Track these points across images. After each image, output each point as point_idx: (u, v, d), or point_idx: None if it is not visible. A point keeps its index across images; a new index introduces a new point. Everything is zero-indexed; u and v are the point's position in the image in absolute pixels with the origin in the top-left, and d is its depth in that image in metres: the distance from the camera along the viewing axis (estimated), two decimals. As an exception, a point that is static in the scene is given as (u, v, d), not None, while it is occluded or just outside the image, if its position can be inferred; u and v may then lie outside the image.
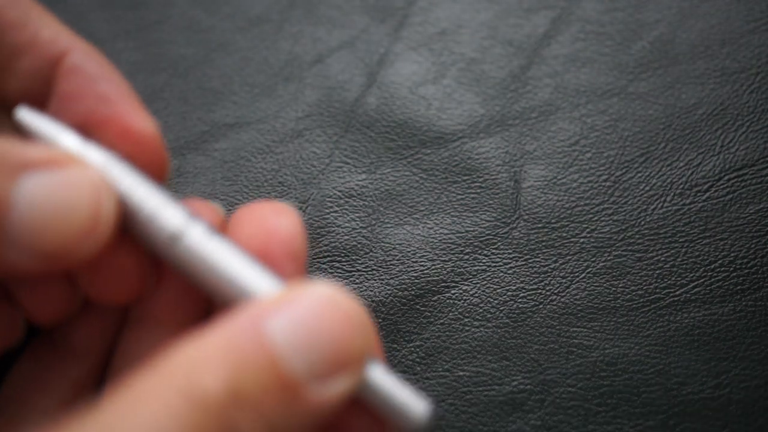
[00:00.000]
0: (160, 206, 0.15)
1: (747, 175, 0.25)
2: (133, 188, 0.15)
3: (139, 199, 0.15)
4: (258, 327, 0.13)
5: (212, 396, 0.12)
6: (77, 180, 0.14)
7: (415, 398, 0.15)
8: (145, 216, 0.15)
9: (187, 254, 0.15)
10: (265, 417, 0.12)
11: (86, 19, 0.29)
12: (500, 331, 0.23)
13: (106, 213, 0.14)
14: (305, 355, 0.13)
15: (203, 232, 0.15)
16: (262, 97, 0.27)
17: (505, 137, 0.26)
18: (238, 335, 0.13)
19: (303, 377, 0.13)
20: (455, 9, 0.29)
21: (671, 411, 0.22)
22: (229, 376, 0.12)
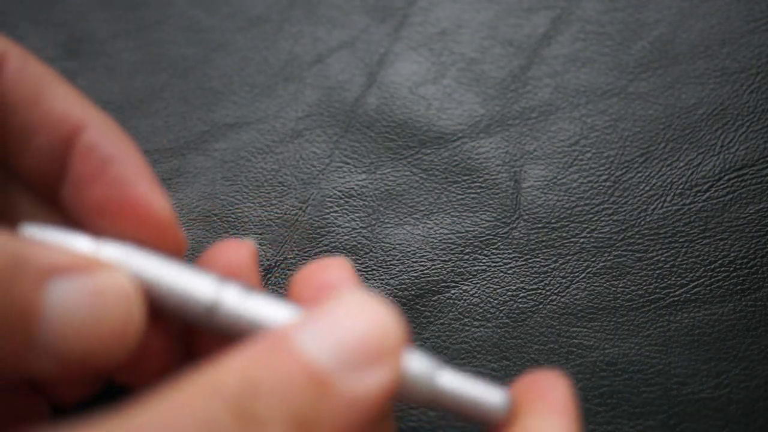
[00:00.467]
0: (189, 282, 0.15)
1: (747, 175, 0.25)
2: (157, 274, 0.15)
3: (168, 283, 0.15)
4: (283, 340, 0.13)
5: (225, 385, 0.12)
6: (107, 285, 0.14)
7: (491, 389, 0.16)
8: (177, 297, 0.15)
9: (227, 320, 0.15)
10: (290, 406, 0.12)
11: (86, 19, 0.29)
12: (500, 331, 0.23)
13: (137, 316, 0.14)
14: (335, 350, 0.13)
15: (237, 293, 0.16)
16: (262, 97, 0.27)
17: (505, 137, 0.26)
18: (260, 348, 0.13)
19: (333, 370, 0.13)
20: (455, 9, 0.29)
21: (671, 411, 0.22)
22: (244, 366, 0.12)
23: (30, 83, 0.16)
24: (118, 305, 0.14)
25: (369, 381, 0.13)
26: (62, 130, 0.16)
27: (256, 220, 0.25)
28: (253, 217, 0.25)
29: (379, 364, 0.13)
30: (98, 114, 0.17)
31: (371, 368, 0.13)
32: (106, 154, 0.16)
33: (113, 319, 0.14)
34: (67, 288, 0.13)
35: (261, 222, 0.25)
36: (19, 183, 0.18)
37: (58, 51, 0.28)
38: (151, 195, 0.16)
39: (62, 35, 0.29)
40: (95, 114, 0.17)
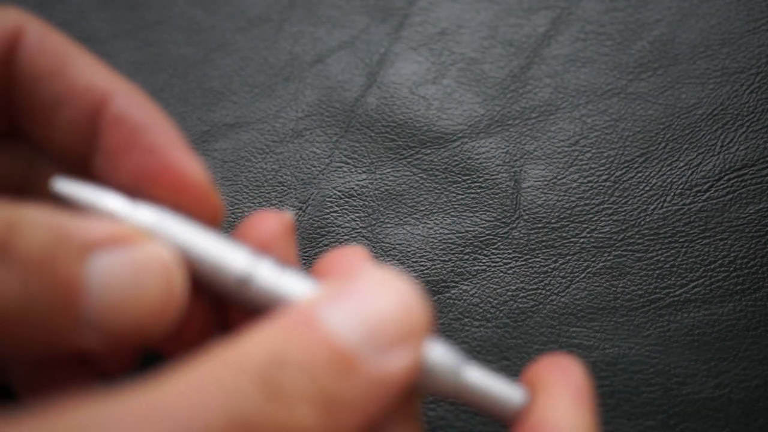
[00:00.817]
0: (223, 252, 0.15)
1: (747, 175, 0.25)
2: (192, 240, 0.15)
3: (201, 250, 0.15)
4: (310, 316, 0.13)
5: (251, 358, 0.12)
6: (148, 258, 0.14)
7: (511, 387, 0.16)
8: (209, 266, 0.15)
9: (259, 295, 0.15)
10: (315, 382, 0.12)
11: (86, 19, 0.29)
12: (500, 331, 0.23)
13: (179, 287, 0.14)
14: (361, 329, 0.13)
15: (271, 268, 0.15)
16: (262, 97, 0.27)
17: (505, 137, 0.26)
18: (287, 323, 0.13)
19: (359, 349, 0.13)
20: (455, 9, 0.29)
21: (671, 411, 0.22)
22: (270, 339, 0.12)
23: (51, 55, 0.16)
24: (159, 278, 0.14)
25: (394, 362, 0.13)
26: (88, 100, 0.16)
27: (256, 220, 0.25)
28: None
29: (404, 345, 0.13)
30: (124, 82, 0.16)
31: (396, 349, 0.13)
32: (137, 122, 0.16)
33: (155, 293, 0.13)
34: (109, 261, 0.13)
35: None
36: (46, 159, 0.17)
37: (58, 51, 0.28)
38: (187, 161, 0.16)
39: (62, 35, 0.29)
40: (121, 82, 0.16)
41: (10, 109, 0.16)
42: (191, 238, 0.15)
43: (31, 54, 0.16)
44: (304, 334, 0.13)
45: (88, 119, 0.16)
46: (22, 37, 0.16)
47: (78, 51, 0.16)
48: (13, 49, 0.15)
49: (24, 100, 0.16)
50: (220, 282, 0.15)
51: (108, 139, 0.16)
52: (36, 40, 0.16)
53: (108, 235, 0.13)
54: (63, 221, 0.13)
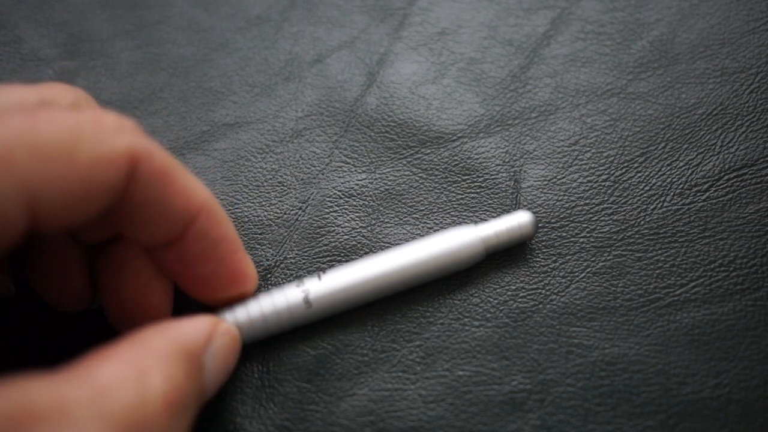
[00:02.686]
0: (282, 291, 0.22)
1: (747, 175, 0.25)
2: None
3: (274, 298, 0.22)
4: None
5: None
6: (230, 332, 0.20)
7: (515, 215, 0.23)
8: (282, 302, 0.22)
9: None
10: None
11: (86, 19, 0.29)
12: (500, 330, 0.23)
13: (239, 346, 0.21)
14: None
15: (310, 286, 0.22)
16: (262, 97, 0.27)
17: (505, 137, 0.26)
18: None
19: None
20: (455, 9, 0.29)
21: (671, 411, 0.22)
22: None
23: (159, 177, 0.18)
24: (237, 344, 0.21)
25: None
26: (183, 217, 0.19)
27: (256, 220, 0.25)
28: (253, 217, 0.25)
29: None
30: (210, 197, 0.19)
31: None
32: (215, 237, 0.19)
33: (235, 355, 0.20)
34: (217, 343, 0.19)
35: (261, 222, 0.25)
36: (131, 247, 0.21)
37: (58, 51, 0.28)
38: (245, 265, 0.21)
39: (62, 35, 0.29)
40: (208, 198, 0.19)
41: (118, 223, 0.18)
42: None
43: (144, 177, 0.17)
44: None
45: (179, 231, 0.19)
46: (140, 161, 0.17)
47: (178, 168, 0.18)
48: (133, 172, 0.17)
49: (130, 216, 0.18)
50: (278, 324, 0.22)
51: (190, 247, 0.19)
52: (150, 165, 0.17)
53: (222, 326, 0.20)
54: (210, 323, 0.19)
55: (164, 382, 0.16)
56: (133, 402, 0.15)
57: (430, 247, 0.23)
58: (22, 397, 0.14)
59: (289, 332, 0.22)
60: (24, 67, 0.28)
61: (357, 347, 0.23)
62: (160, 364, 0.16)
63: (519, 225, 0.23)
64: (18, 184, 0.15)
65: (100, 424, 0.14)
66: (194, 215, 0.19)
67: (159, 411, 0.16)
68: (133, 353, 0.16)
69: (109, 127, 0.17)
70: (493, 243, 0.23)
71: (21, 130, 0.15)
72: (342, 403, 0.22)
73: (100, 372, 0.15)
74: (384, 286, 0.22)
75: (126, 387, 0.15)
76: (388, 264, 0.22)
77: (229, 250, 0.20)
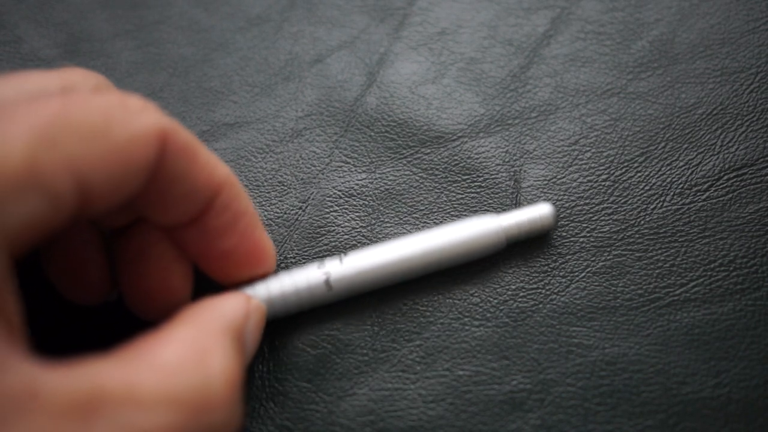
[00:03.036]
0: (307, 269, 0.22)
1: (747, 175, 0.25)
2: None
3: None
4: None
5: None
6: (263, 312, 0.21)
7: (537, 207, 0.24)
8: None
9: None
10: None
11: (86, 19, 0.29)
12: (500, 330, 0.23)
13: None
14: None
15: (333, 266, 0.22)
16: (262, 97, 0.27)
17: (505, 137, 0.26)
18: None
19: None
20: (455, 9, 0.29)
21: (671, 410, 0.22)
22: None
23: (185, 155, 0.18)
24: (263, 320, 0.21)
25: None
26: (206, 194, 0.19)
27: (256, 219, 0.25)
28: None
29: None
30: (230, 173, 0.19)
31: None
32: (237, 210, 0.20)
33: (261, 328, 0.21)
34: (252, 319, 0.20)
35: (261, 221, 0.25)
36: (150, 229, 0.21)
37: (58, 51, 0.28)
38: (265, 241, 0.21)
39: (62, 35, 0.29)
40: (228, 174, 0.19)
41: (143, 202, 0.18)
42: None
43: (172, 154, 0.17)
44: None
45: (203, 206, 0.19)
46: (167, 138, 0.17)
47: (200, 145, 0.18)
48: (162, 149, 0.17)
49: (157, 195, 0.18)
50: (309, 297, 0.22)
51: (213, 221, 0.19)
52: (176, 141, 0.17)
53: (254, 304, 0.20)
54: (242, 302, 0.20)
55: (223, 362, 0.16)
56: (198, 384, 0.16)
57: (452, 233, 0.23)
58: (93, 378, 0.14)
59: (308, 311, 0.23)
60: (24, 67, 0.28)
61: (357, 347, 0.23)
62: (218, 344, 0.17)
63: (540, 216, 0.23)
64: (67, 163, 0.15)
65: (167, 407, 0.15)
66: (217, 190, 0.19)
67: (221, 392, 0.16)
68: (191, 334, 0.17)
69: (136, 107, 0.17)
70: (514, 233, 0.23)
71: (59, 112, 0.15)
72: (342, 403, 0.22)
73: (164, 354, 0.16)
74: (405, 270, 0.23)
75: (189, 369, 0.16)
76: (410, 249, 0.23)
77: (249, 226, 0.20)
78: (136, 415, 0.14)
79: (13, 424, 0.13)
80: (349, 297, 0.23)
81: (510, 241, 0.24)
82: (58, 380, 0.14)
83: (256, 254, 0.21)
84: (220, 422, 0.16)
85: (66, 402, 0.14)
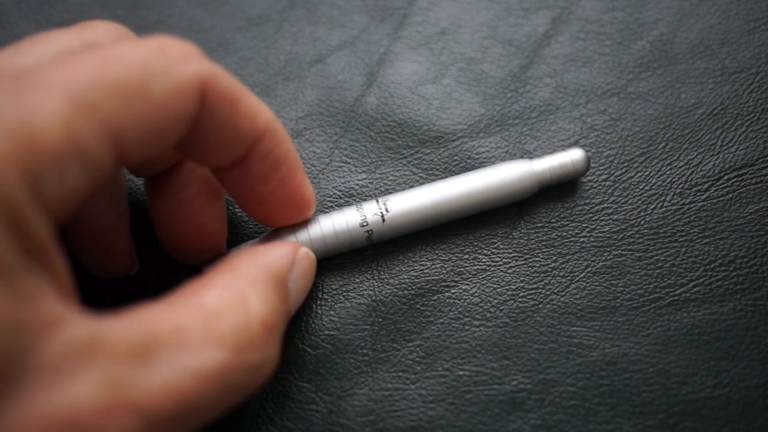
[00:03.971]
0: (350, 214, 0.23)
1: (747, 175, 0.25)
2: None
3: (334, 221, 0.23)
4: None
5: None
6: (312, 259, 0.21)
7: (569, 152, 0.24)
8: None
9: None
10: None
11: (86, 19, 0.29)
12: (500, 330, 0.23)
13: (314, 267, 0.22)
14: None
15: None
16: (262, 97, 0.27)
17: (504, 137, 0.26)
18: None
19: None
20: (455, 9, 0.29)
21: (671, 410, 0.22)
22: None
23: (227, 100, 0.18)
24: (313, 266, 0.21)
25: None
26: (249, 139, 0.19)
27: (256, 219, 0.25)
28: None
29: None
30: (273, 117, 0.19)
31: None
32: (278, 156, 0.19)
33: (312, 275, 0.21)
34: (299, 266, 0.20)
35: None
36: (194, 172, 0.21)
37: (58, 51, 0.28)
38: (305, 187, 0.21)
39: (62, 35, 0.29)
40: (271, 119, 0.19)
41: (187, 150, 0.18)
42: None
43: (214, 102, 0.17)
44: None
45: (245, 151, 0.19)
46: (209, 87, 0.17)
47: (243, 91, 0.18)
48: (203, 99, 0.17)
49: (200, 142, 0.18)
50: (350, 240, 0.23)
51: (254, 166, 0.19)
52: (218, 89, 0.17)
53: (301, 252, 0.21)
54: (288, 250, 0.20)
55: (262, 306, 0.17)
56: (239, 325, 0.16)
57: (486, 177, 0.24)
58: (146, 323, 0.15)
59: (347, 252, 0.24)
60: (24, 67, 0.28)
61: (357, 347, 0.23)
62: (257, 289, 0.17)
63: (572, 161, 0.24)
64: (104, 128, 0.15)
65: (212, 346, 0.16)
66: (260, 135, 0.19)
67: (259, 332, 0.17)
68: (232, 280, 0.17)
69: (176, 56, 0.17)
70: (546, 177, 0.24)
71: (95, 73, 0.15)
72: (342, 403, 0.22)
73: (207, 298, 0.16)
74: (441, 213, 0.23)
75: (231, 311, 0.16)
76: (447, 192, 0.23)
77: (291, 171, 0.20)
78: (188, 356, 0.15)
79: (82, 371, 0.14)
80: (388, 239, 0.24)
81: (542, 186, 0.24)
82: (116, 328, 0.15)
83: (296, 200, 0.21)
84: (258, 362, 0.17)
85: (126, 347, 0.14)
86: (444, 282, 0.24)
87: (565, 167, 0.24)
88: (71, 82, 0.15)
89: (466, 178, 0.24)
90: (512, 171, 0.24)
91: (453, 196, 0.23)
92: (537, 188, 0.24)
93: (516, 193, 0.24)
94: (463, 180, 0.24)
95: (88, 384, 0.14)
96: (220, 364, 0.15)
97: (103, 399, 0.14)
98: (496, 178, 0.24)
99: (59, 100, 0.14)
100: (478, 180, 0.24)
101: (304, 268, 0.20)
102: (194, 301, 0.16)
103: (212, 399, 0.15)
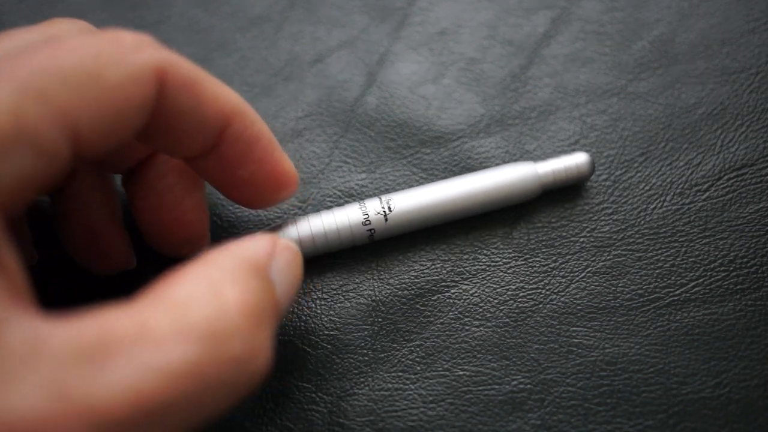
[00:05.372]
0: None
1: (747, 175, 0.25)
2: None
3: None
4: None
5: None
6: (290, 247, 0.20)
7: (572, 156, 0.24)
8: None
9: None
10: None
11: (86, 19, 0.29)
12: (500, 330, 0.23)
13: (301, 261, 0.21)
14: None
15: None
16: (262, 97, 0.27)
17: (505, 137, 0.26)
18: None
19: None
20: (455, 9, 0.29)
21: (671, 410, 0.22)
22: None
23: (188, 87, 0.17)
24: (299, 259, 0.20)
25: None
26: (216, 124, 0.18)
27: (256, 219, 0.25)
28: (253, 216, 0.25)
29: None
30: (240, 101, 0.19)
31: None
32: (251, 137, 0.19)
33: (299, 269, 0.20)
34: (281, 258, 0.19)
35: (261, 222, 0.25)
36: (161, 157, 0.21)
37: (58, 51, 0.28)
38: (283, 163, 0.20)
39: (62, 35, 0.29)
40: (239, 102, 0.19)
41: (150, 139, 0.18)
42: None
43: (173, 89, 0.17)
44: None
45: (214, 138, 0.19)
46: (166, 74, 0.17)
47: (204, 77, 0.18)
48: (162, 86, 0.17)
49: (165, 131, 0.18)
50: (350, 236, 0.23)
51: (228, 150, 0.19)
52: (176, 76, 0.17)
53: (282, 243, 0.20)
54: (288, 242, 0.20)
55: (237, 293, 0.16)
56: (210, 313, 0.15)
57: (490, 178, 0.24)
58: (101, 324, 0.14)
59: (348, 249, 0.24)
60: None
61: (357, 347, 0.23)
62: (231, 277, 0.17)
63: (577, 166, 0.24)
64: (56, 115, 0.15)
65: (181, 337, 0.14)
66: (228, 120, 0.19)
67: (236, 320, 0.16)
68: (203, 271, 0.16)
69: (129, 45, 0.17)
70: (549, 180, 0.24)
71: (47, 62, 0.15)
72: (342, 403, 0.22)
73: (176, 291, 0.16)
74: (443, 214, 0.24)
75: (202, 301, 0.15)
76: (450, 192, 0.24)
77: (267, 150, 0.20)
78: (150, 353, 0.14)
79: (22, 377, 0.13)
80: (389, 237, 0.24)
81: (546, 189, 0.24)
82: (64, 330, 0.14)
83: (277, 178, 0.20)
84: (240, 352, 0.15)
85: (73, 349, 0.13)
86: (444, 282, 0.24)
87: (570, 171, 0.24)
88: (21, 71, 0.15)
89: (470, 179, 0.24)
90: (517, 174, 0.24)
91: (456, 197, 0.23)
92: (540, 191, 0.24)
93: (520, 196, 0.24)
94: (467, 181, 0.24)
95: (29, 390, 0.13)
96: (191, 359, 0.14)
97: (46, 406, 0.13)
98: (500, 180, 0.24)
99: (8, 90, 0.14)
100: (482, 181, 0.24)
101: (287, 259, 0.19)
102: (162, 296, 0.15)
103: (191, 398, 0.14)
